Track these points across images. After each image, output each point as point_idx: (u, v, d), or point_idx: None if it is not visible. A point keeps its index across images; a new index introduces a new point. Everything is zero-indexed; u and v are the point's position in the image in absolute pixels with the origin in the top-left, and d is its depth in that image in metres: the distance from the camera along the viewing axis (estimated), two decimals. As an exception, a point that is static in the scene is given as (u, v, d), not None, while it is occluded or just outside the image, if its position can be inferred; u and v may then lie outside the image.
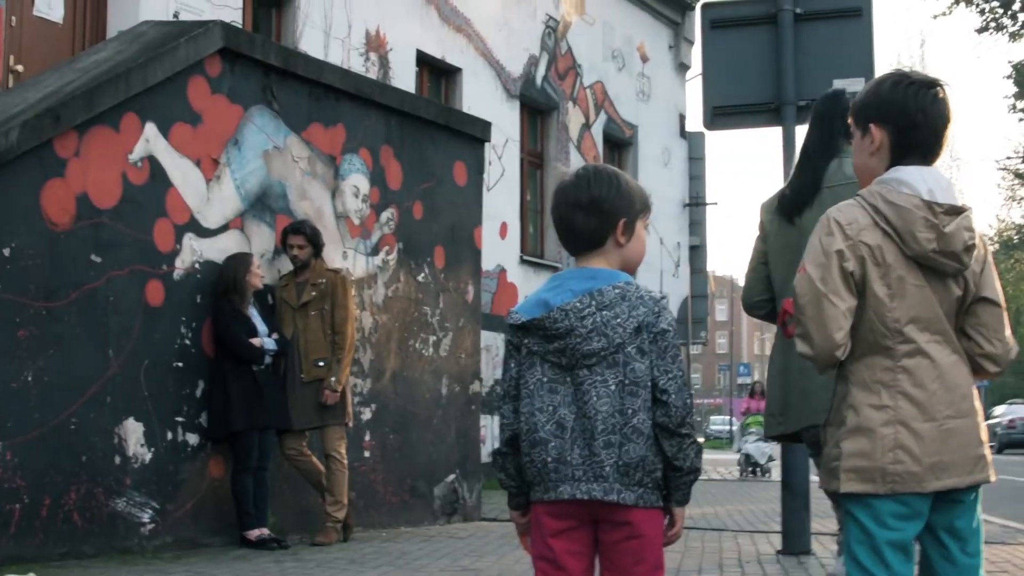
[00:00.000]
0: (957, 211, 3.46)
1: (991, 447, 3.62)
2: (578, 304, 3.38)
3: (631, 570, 3.39)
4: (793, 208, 4.70)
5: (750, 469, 23.95)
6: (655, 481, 3.37)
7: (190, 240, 9.35)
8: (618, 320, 3.37)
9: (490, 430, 17.17)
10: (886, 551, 3.42)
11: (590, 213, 3.48)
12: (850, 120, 3.70)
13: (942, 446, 3.42)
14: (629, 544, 3.38)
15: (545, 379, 3.43)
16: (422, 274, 11.84)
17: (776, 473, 22.23)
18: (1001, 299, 3.62)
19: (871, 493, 3.42)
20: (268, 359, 9.48)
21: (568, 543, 3.42)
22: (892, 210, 3.45)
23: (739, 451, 25.22)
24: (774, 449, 23.62)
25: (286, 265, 10.07)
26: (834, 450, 3.51)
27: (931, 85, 3.56)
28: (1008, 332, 3.62)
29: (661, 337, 3.39)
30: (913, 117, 3.53)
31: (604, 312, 3.37)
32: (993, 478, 3.56)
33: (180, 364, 9.16)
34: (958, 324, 3.55)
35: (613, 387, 3.36)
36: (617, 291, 3.39)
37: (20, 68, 11.16)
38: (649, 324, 3.38)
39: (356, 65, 15.49)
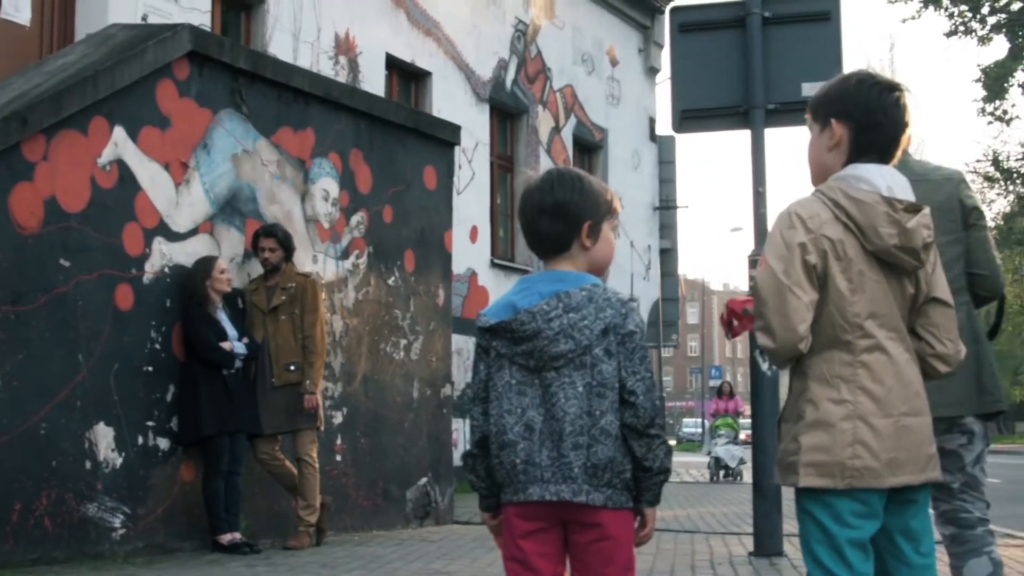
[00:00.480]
0: (916, 209, 3.49)
1: None
2: (545, 306, 3.39)
3: (601, 572, 3.39)
4: None
5: (720, 472, 23.60)
6: (624, 482, 3.37)
7: (159, 244, 9.32)
8: (585, 322, 3.37)
9: (462, 433, 17.15)
10: (847, 550, 3.42)
11: (554, 217, 3.49)
12: (807, 114, 3.72)
13: (897, 443, 3.43)
14: (599, 545, 3.38)
15: (514, 381, 3.43)
16: (392, 278, 11.83)
17: (747, 476, 22.26)
18: (951, 300, 3.65)
19: (830, 488, 3.42)
20: (238, 363, 9.46)
21: (538, 544, 3.42)
22: (854, 205, 3.46)
23: (709, 454, 24.74)
24: (744, 452, 23.50)
25: (256, 269, 10.04)
26: (791, 444, 3.50)
27: (893, 88, 3.60)
28: (957, 333, 3.64)
29: (628, 339, 3.39)
30: (875, 116, 3.56)
31: (571, 314, 3.38)
32: (941, 477, 3.58)
33: (150, 368, 9.13)
34: (909, 324, 3.57)
35: (581, 389, 3.36)
36: (584, 293, 3.40)
37: (-13, 72, 11.10)
38: (616, 326, 3.39)
39: (325, 69, 15.46)
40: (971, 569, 4.59)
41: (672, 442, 62.16)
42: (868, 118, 3.56)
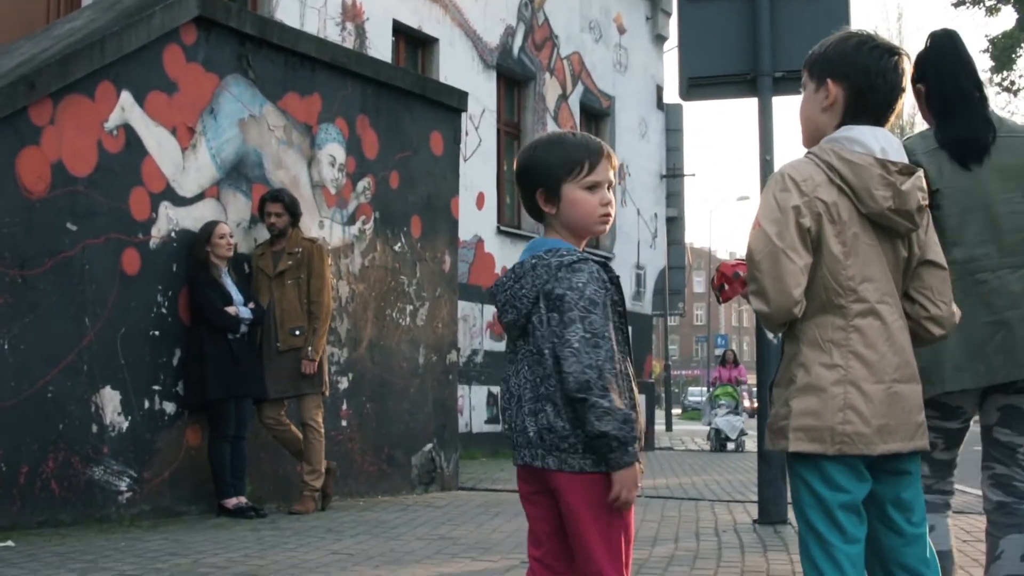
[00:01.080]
0: (910, 171, 3.47)
1: None
2: (504, 278, 3.45)
3: (574, 534, 3.39)
4: (972, 153, 4.45)
5: (720, 443, 22.75)
6: (576, 446, 3.34)
7: (166, 209, 9.33)
8: (524, 291, 3.38)
9: (467, 400, 17.19)
10: (839, 514, 3.40)
11: (519, 187, 3.54)
12: (804, 71, 3.69)
13: (888, 409, 3.41)
14: (565, 510, 3.39)
15: (507, 350, 3.52)
16: (399, 244, 11.84)
17: (749, 445, 22.18)
18: (944, 262, 3.62)
19: (820, 454, 3.40)
20: (244, 328, 9.47)
21: (533, 507, 3.48)
22: (847, 167, 3.43)
23: (709, 425, 23.75)
24: (745, 422, 23.24)
25: (263, 234, 10.05)
26: (782, 409, 3.48)
27: (893, 52, 3.56)
28: (951, 296, 3.63)
29: (558, 302, 3.33)
30: (873, 79, 3.52)
31: (516, 284, 3.40)
32: (928, 446, 3.57)
33: (156, 333, 9.15)
34: (902, 288, 3.56)
35: (534, 355, 3.40)
36: (534, 261, 3.39)
37: (-6, 36, 11.10)
38: (547, 292, 3.36)
39: (332, 35, 15.44)
40: (1009, 543, 4.49)
41: (676, 411, 62.02)
42: (866, 81, 3.53)
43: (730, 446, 22.67)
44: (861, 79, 3.53)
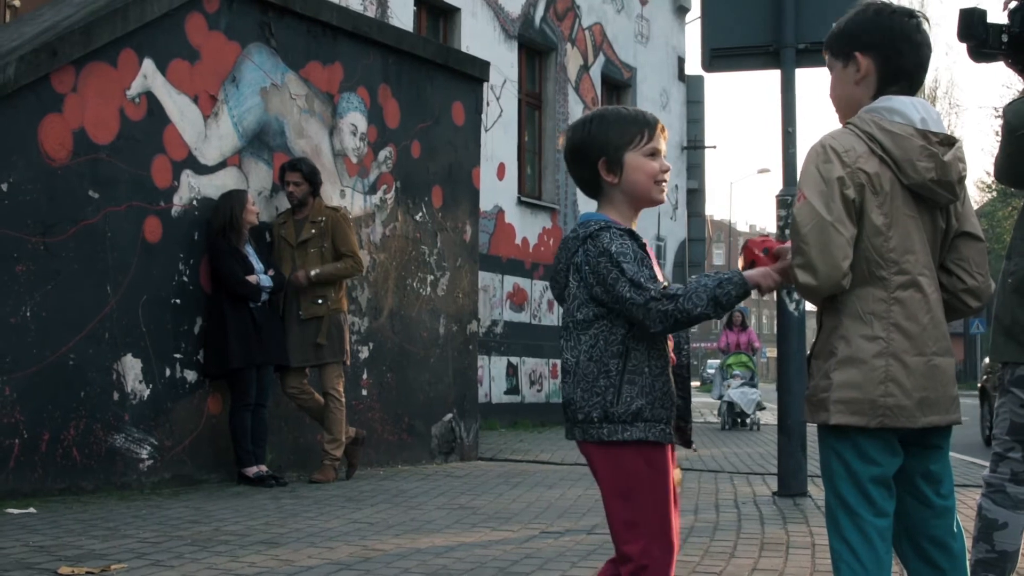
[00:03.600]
0: (950, 141, 3.43)
1: None
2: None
3: (605, 503, 3.41)
4: None
5: (734, 419, 20.60)
6: (591, 416, 3.33)
7: (188, 177, 9.33)
8: (559, 266, 3.42)
9: (487, 370, 17.20)
10: (871, 488, 3.39)
11: (574, 163, 3.52)
12: (825, 53, 3.65)
13: (928, 382, 3.39)
14: (596, 479, 3.42)
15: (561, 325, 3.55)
16: (420, 213, 11.83)
17: (765, 420, 21.90)
18: (982, 234, 3.59)
19: (861, 427, 3.38)
20: (264, 296, 9.48)
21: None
22: (889, 138, 3.40)
23: (720, 398, 21.07)
24: (761, 395, 22.35)
25: (284, 203, 10.05)
26: (823, 381, 3.45)
27: (912, 15, 3.53)
28: (988, 267, 3.59)
29: (576, 271, 3.37)
30: (899, 44, 3.49)
31: (556, 260, 3.44)
32: (961, 420, 3.54)
33: (178, 301, 9.16)
34: (939, 260, 3.53)
35: (567, 327, 3.43)
36: (568, 235, 3.42)
37: (17, 3, 11.11)
38: (576, 264, 3.37)
39: (354, 3, 15.40)
40: None
41: (695, 383, 61.95)
42: (892, 46, 3.50)
43: (746, 421, 20.76)
44: (888, 46, 3.50)
